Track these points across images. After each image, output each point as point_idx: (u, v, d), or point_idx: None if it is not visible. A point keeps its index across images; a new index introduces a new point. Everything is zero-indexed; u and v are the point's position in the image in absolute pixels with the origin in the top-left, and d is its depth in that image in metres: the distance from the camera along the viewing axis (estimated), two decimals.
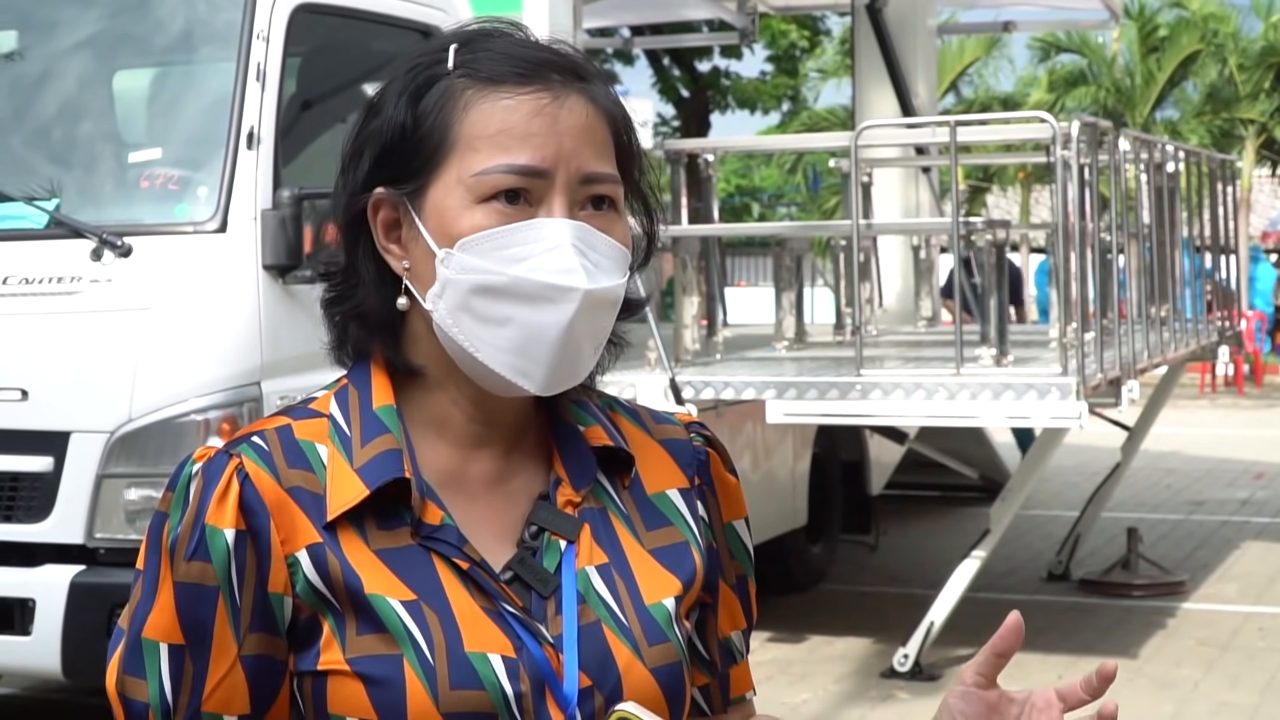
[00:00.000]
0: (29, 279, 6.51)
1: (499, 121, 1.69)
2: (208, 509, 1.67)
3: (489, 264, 1.67)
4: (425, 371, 1.74)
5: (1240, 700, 8.05)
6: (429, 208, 1.70)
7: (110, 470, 6.31)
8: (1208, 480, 15.28)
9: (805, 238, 11.20)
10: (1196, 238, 11.71)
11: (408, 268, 1.72)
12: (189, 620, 1.66)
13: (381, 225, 1.73)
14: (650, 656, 1.71)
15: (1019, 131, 11.95)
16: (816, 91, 34.16)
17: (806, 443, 10.17)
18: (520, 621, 1.67)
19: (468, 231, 1.67)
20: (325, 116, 7.26)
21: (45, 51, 7.12)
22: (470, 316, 1.68)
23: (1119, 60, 32.91)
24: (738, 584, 1.88)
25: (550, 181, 1.68)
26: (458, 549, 1.69)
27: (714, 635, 1.86)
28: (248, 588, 1.67)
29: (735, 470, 1.91)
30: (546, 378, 1.69)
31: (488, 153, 1.68)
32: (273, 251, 6.43)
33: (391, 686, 1.63)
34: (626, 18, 15.03)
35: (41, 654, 6.35)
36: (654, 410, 1.91)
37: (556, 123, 1.69)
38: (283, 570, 1.67)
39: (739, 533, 1.89)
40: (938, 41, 15.68)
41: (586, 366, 1.73)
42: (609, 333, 1.74)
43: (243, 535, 1.67)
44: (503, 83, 1.70)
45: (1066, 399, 7.89)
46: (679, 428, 1.88)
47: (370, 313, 1.74)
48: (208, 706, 1.66)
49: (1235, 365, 23.55)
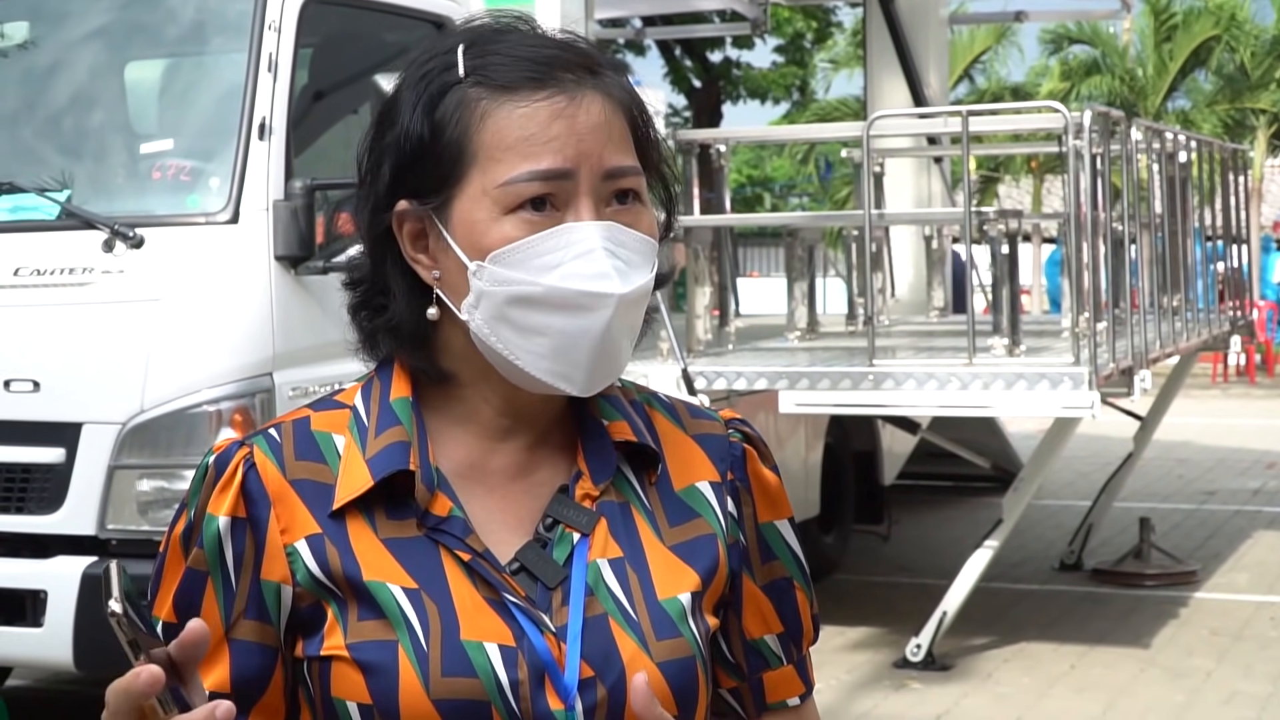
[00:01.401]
0: (41, 270, 6.51)
1: (518, 129, 1.69)
2: (211, 497, 1.72)
3: (522, 274, 1.67)
4: (456, 376, 1.76)
5: (1253, 689, 8.04)
6: (456, 221, 1.71)
7: (122, 461, 6.31)
8: (1220, 470, 15.27)
9: (817, 228, 11.20)
10: (1208, 227, 11.69)
11: (438, 277, 1.73)
12: (181, 602, 1.72)
13: (408, 237, 1.74)
14: (658, 651, 1.70)
15: (1031, 121, 11.93)
16: (828, 81, 34.16)
17: (819, 433, 10.16)
18: (523, 611, 1.68)
19: (498, 244, 1.68)
20: (337, 107, 7.27)
21: (57, 43, 7.12)
22: (508, 327, 1.69)
23: (1130, 50, 32.86)
24: (772, 586, 1.85)
25: (575, 182, 1.69)
26: (461, 540, 1.70)
27: (737, 636, 1.84)
28: (244, 574, 1.71)
29: (777, 469, 1.89)
30: (587, 380, 1.70)
31: (510, 162, 1.68)
32: (285, 242, 6.43)
33: (386, 671, 1.66)
34: (638, 8, 15.05)
35: (53, 645, 6.35)
36: (694, 405, 1.90)
37: (575, 123, 1.70)
38: (280, 560, 1.71)
39: (781, 533, 1.87)
40: (949, 31, 15.65)
41: (625, 361, 1.74)
42: (640, 322, 1.75)
43: (241, 522, 1.71)
44: (517, 89, 1.70)
45: (1079, 389, 7.88)
46: (717, 424, 1.87)
47: (402, 324, 1.75)
48: None
49: (1247, 355, 23.53)
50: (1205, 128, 28.20)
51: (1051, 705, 7.81)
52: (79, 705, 8.01)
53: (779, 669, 1.86)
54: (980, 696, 8.02)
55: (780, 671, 1.86)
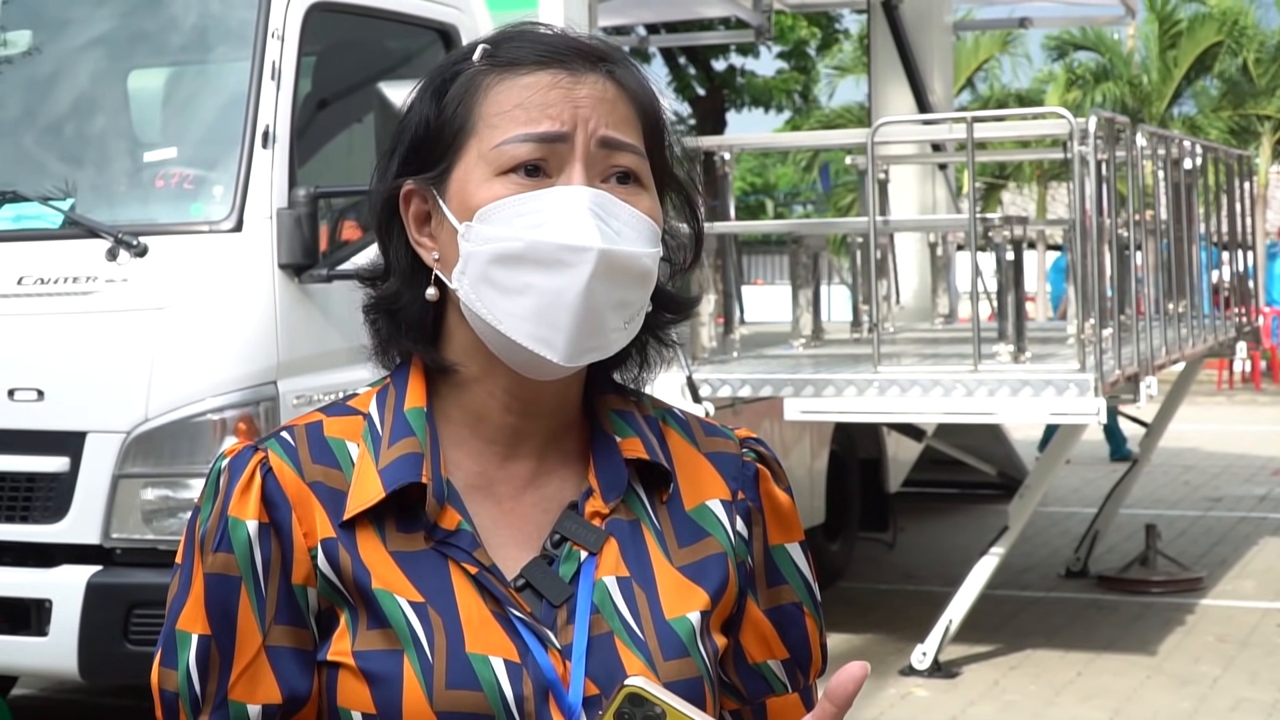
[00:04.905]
0: (44, 279, 6.51)
1: (516, 97, 1.69)
2: (231, 501, 1.70)
3: (506, 231, 1.66)
4: (460, 368, 1.74)
5: (1259, 696, 8.02)
6: (452, 188, 1.71)
7: (127, 470, 6.31)
8: (1226, 476, 15.25)
9: (822, 235, 11.20)
10: (1213, 233, 11.68)
11: (437, 258, 1.72)
12: (215, 611, 1.69)
13: (414, 219, 1.74)
14: (665, 671, 1.68)
15: (1036, 128, 11.93)
16: (833, 87, 34.15)
17: (824, 440, 10.15)
18: (528, 627, 1.67)
19: (486, 202, 1.67)
20: (341, 115, 7.26)
21: (60, 51, 7.11)
22: (491, 288, 1.67)
23: (1135, 56, 32.85)
24: (779, 611, 1.82)
25: (569, 146, 1.68)
26: (468, 554, 1.69)
27: (732, 659, 1.80)
28: (273, 579, 1.70)
29: (791, 490, 1.87)
30: (568, 346, 1.66)
31: (505, 126, 1.69)
32: (288, 250, 6.42)
33: (390, 683, 1.65)
34: (642, 16, 15.03)
35: (58, 655, 6.34)
36: (709, 423, 1.88)
37: (573, 92, 1.70)
38: (306, 562, 1.70)
39: (792, 557, 1.84)
40: (953, 38, 15.65)
41: (614, 340, 1.71)
42: (640, 309, 1.72)
43: (265, 527, 1.70)
44: (522, 64, 1.71)
45: (1085, 395, 7.87)
46: (731, 442, 1.85)
47: (403, 307, 1.75)
48: (234, 695, 1.69)
49: (1253, 361, 23.49)
50: (1211, 134, 28.19)
51: (1058, 713, 7.79)
52: (83, 714, 8.00)
53: (783, 695, 1.83)
54: (987, 704, 8.01)
55: (784, 699, 1.83)
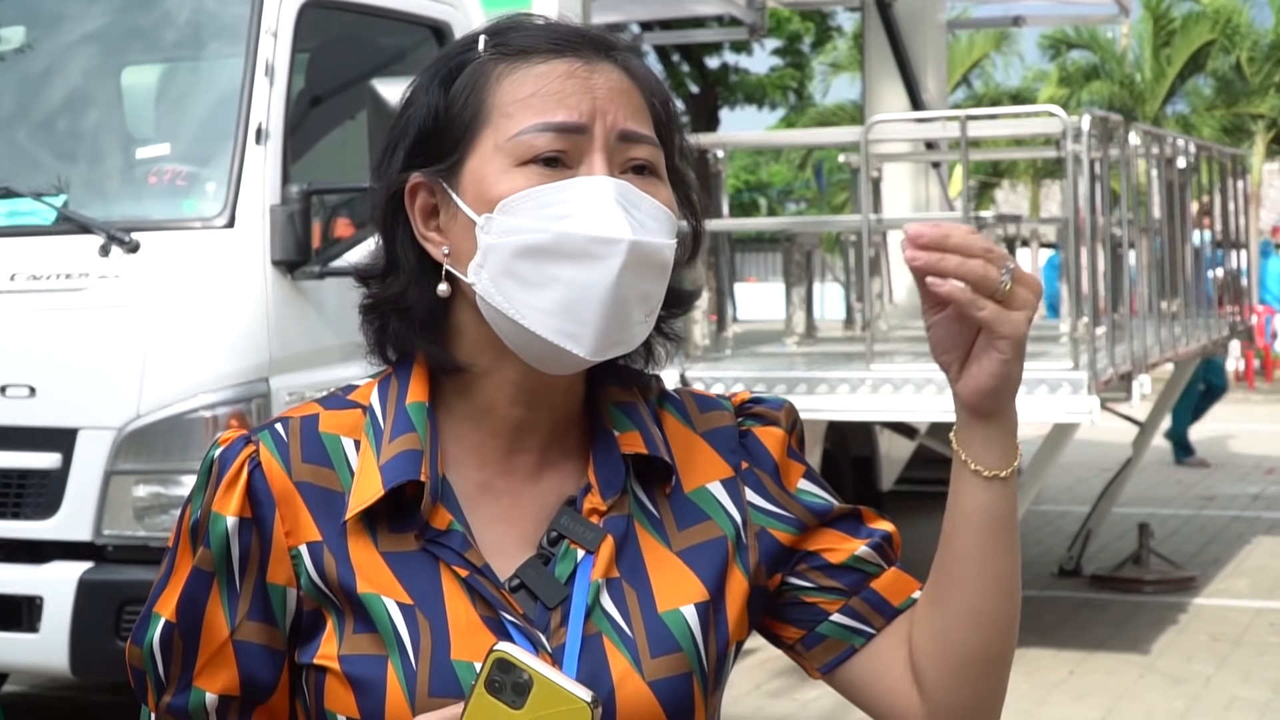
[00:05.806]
0: (36, 275, 6.50)
1: (532, 86, 1.67)
2: (216, 495, 1.69)
3: (531, 223, 1.63)
4: (470, 367, 1.71)
5: (1252, 695, 8.02)
6: (466, 180, 1.67)
7: (118, 467, 6.29)
8: (1219, 475, 15.25)
9: (815, 233, 11.20)
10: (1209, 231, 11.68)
11: (447, 253, 1.69)
12: (185, 602, 1.70)
13: (420, 213, 1.71)
14: (650, 669, 1.66)
15: (1029, 126, 11.92)
16: (826, 85, 34.18)
17: (817, 438, 10.13)
18: (520, 630, 1.65)
19: (507, 193, 1.64)
20: (334, 112, 7.25)
21: (53, 47, 7.10)
22: (514, 282, 1.63)
23: (1129, 55, 32.87)
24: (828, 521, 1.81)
25: (589, 137, 1.66)
26: (459, 555, 1.67)
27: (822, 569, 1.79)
28: (249, 576, 1.69)
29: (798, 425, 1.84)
30: (595, 340, 1.64)
31: (522, 116, 1.66)
32: (281, 247, 6.41)
33: (374, 688, 1.64)
34: (635, 13, 15.00)
35: (49, 651, 6.33)
36: (703, 397, 1.85)
37: (590, 82, 1.67)
38: (285, 562, 1.68)
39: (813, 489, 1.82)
40: (947, 36, 15.63)
41: (637, 333, 1.69)
42: (658, 302, 1.70)
43: (247, 523, 1.68)
44: (534, 53, 1.69)
45: (1078, 394, 7.87)
46: (726, 413, 1.82)
47: (412, 306, 1.71)
48: (198, 682, 1.70)
49: (1246, 360, 23.52)
50: (1204, 132, 28.20)
51: (1051, 711, 7.79)
52: (75, 710, 7.99)
53: (884, 573, 1.82)
54: None
55: (887, 575, 1.82)
